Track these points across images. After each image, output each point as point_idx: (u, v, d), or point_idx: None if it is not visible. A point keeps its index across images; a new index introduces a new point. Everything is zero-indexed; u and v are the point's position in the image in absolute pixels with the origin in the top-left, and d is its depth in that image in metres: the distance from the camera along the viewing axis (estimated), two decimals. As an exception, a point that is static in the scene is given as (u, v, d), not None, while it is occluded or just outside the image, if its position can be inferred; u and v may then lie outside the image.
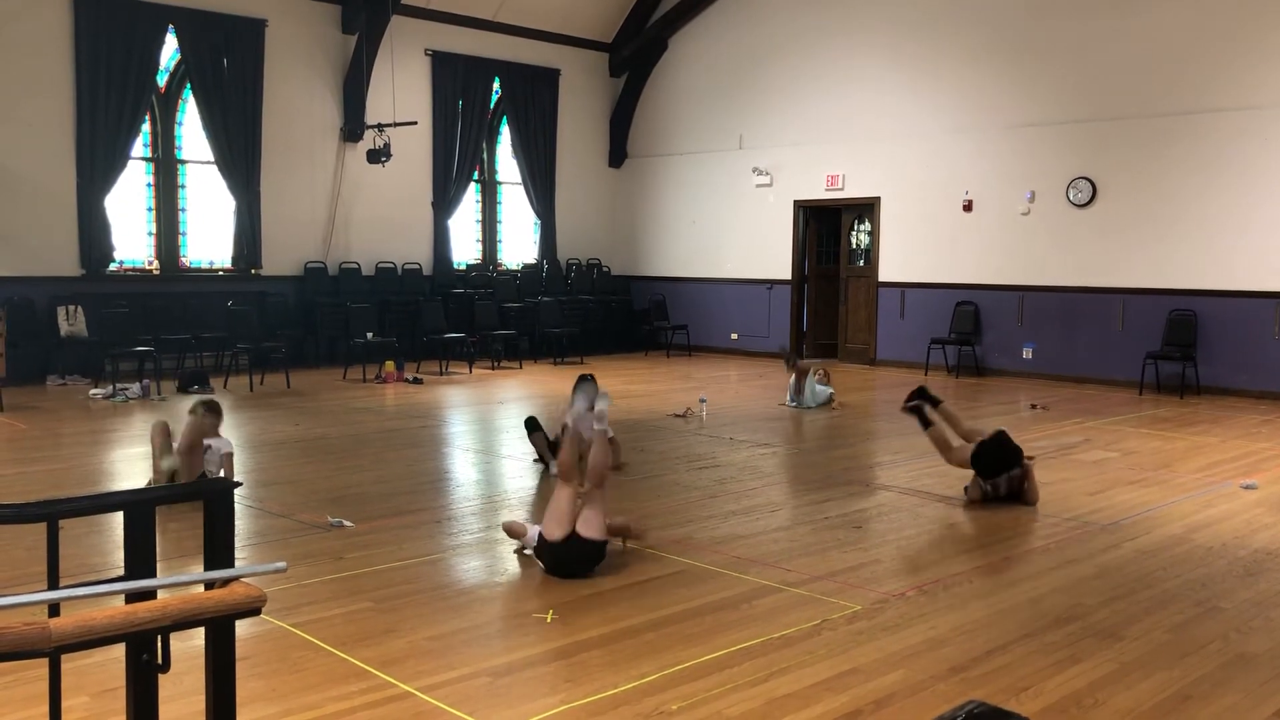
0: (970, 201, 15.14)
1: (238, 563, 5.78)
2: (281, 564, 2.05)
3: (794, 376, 12.23)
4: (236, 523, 6.71)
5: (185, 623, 1.93)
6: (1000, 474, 7.41)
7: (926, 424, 7.92)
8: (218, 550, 2.09)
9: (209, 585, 2.09)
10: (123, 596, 2.05)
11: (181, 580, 2.06)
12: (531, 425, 8.70)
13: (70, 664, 3.18)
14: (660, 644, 4.63)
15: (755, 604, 5.20)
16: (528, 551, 5.93)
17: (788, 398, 12.19)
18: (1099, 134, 13.97)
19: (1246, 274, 12.88)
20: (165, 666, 2.03)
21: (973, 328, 15.08)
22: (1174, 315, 13.37)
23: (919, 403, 8.00)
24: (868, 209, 16.53)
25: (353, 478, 8.14)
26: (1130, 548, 6.33)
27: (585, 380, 7.51)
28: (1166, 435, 10.33)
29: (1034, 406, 12.03)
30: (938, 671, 4.36)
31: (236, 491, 7.76)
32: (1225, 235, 13.02)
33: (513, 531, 6.16)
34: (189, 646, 3.34)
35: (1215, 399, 12.81)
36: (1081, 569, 5.86)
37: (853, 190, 16.53)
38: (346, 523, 6.55)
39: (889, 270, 16.14)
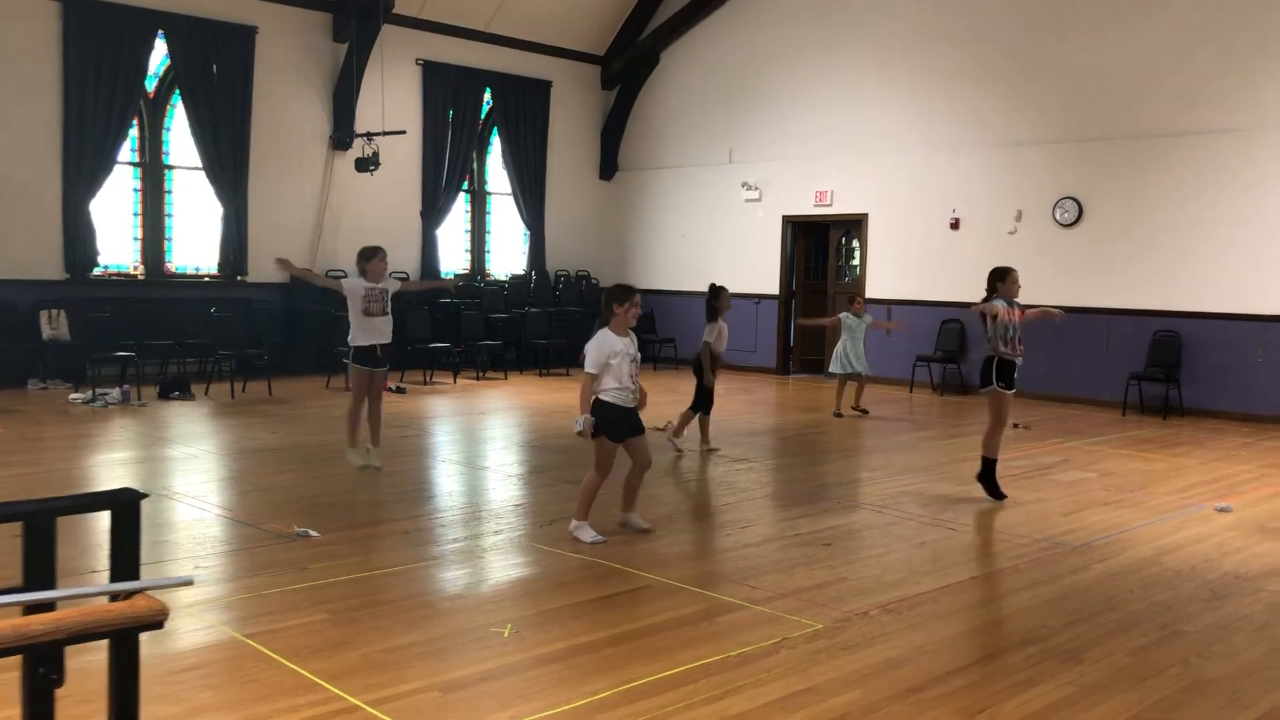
0: (957, 219, 15.15)
1: (190, 572, 5.75)
2: (188, 577, 2.02)
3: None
4: (202, 531, 6.71)
5: (84, 636, 1.90)
6: None
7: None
8: (123, 562, 2.06)
9: (113, 597, 2.06)
10: (21, 609, 2.02)
11: (81, 593, 2.03)
12: None
13: None
14: (618, 660, 4.60)
15: (717, 621, 5.17)
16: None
17: (838, 365, 12.76)
18: (1086, 154, 14.00)
19: (1231, 296, 12.89)
20: (60, 681, 1.98)
21: (958, 346, 15.07)
22: (1158, 336, 13.37)
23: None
24: (856, 225, 16.54)
25: (326, 487, 8.09)
26: (1099, 569, 6.30)
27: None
28: (1146, 456, 10.32)
29: (1016, 426, 11.99)
30: (894, 692, 4.33)
31: (205, 499, 7.74)
32: (1210, 257, 13.03)
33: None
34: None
35: (1198, 420, 12.79)
36: (1048, 590, 5.83)
37: (841, 206, 16.54)
38: (313, 533, 6.51)
39: (876, 287, 16.14)
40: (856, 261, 16.69)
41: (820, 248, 17.40)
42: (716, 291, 10.07)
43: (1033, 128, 14.44)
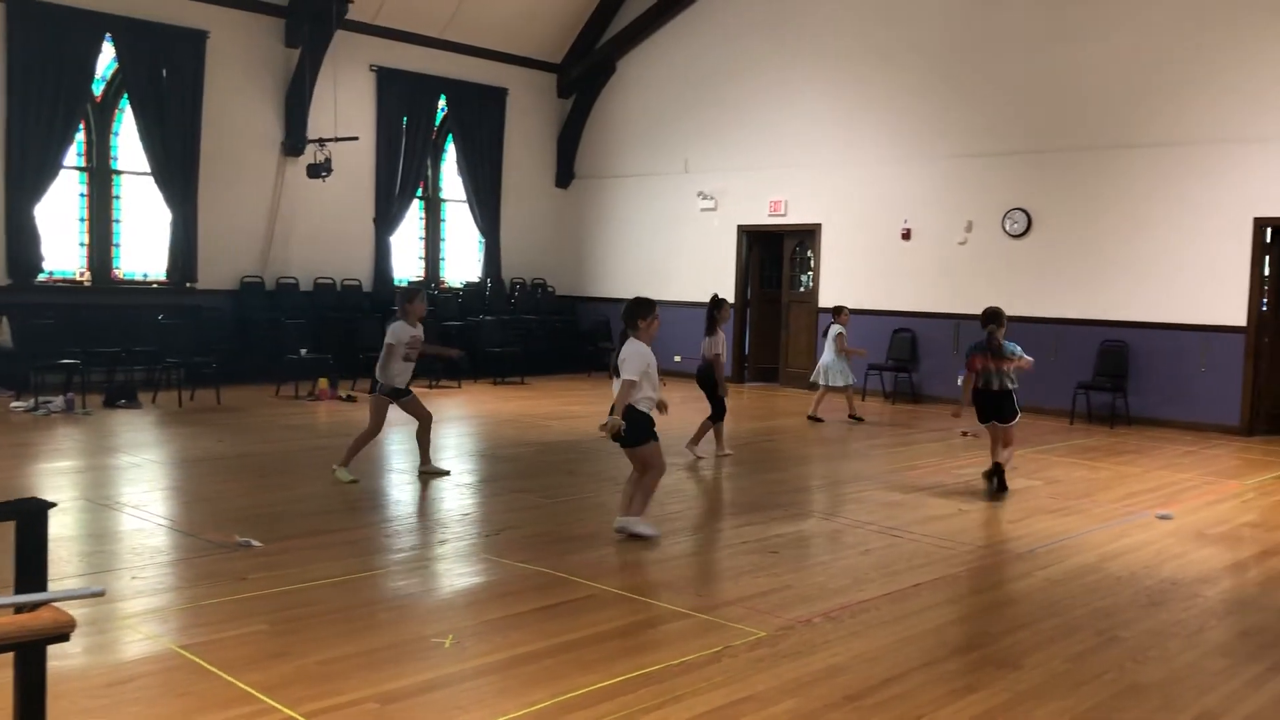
0: (909, 230, 15.29)
1: (128, 583, 5.66)
2: (99, 589, 1.98)
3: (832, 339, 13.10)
4: (142, 541, 6.60)
5: (-17, 647, 1.86)
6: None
7: None
8: (28, 573, 2.02)
9: (19, 609, 2.02)
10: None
11: (-19, 604, 1.98)
12: None
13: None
14: (557, 670, 4.57)
15: (659, 630, 5.16)
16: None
17: (825, 378, 13.09)
18: (1035, 166, 14.18)
19: (1176, 307, 13.09)
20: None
21: (910, 355, 15.19)
22: (1105, 346, 13.56)
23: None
24: (809, 235, 16.64)
25: (270, 496, 8.01)
26: (1041, 576, 6.37)
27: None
28: (1092, 465, 10.44)
29: (965, 434, 12.11)
30: (832, 700, 4.35)
31: (147, 509, 7.63)
32: (1156, 268, 13.24)
33: None
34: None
35: (1144, 429, 12.97)
36: (990, 597, 5.89)
37: (795, 217, 16.64)
38: (255, 542, 6.43)
39: (829, 296, 16.23)
40: (810, 271, 16.78)
41: (775, 257, 17.49)
42: (719, 303, 10.43)
43: (982, 140, 14.61)
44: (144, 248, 14.83)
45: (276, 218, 15.70)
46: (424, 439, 9.05)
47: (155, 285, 14.86)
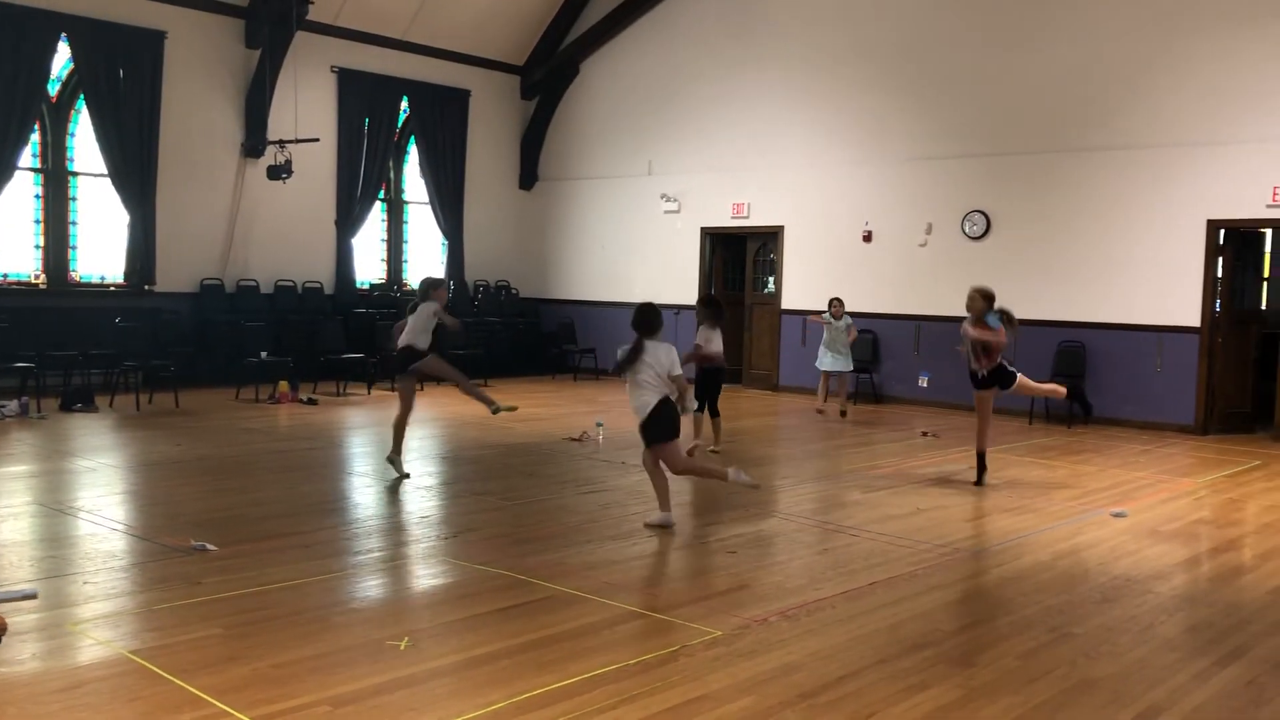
0: (870, 232, 15.39)
1: (80, 588, 5.59)
2: (32, 590, 1.95)
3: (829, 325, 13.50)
4: (95, 546, 6.52)
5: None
6: None
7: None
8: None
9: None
10: None
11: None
12: None
13: None
14: (513, 671, 4.57)
15: (616, 630, 5.17)
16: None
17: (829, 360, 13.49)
18: (993, 169, 14.32)
19: (1132, 307, 13.26)
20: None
21: (871, 356, 15.29)
22: (1064, 346, 13.70)
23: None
24: (772, 237, 16.72)
25: (227, 500, 7.94)
26: (995, 574, 6.44)
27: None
28: (1049, 464, 10.55)
29: (925, 434, 12.22)
30: (786, 698, 4.37)
31: (101, 513, 7.57)
32: (1112, 269, 13.40)
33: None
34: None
35: (1102, 429, 13.13)
36: (945, 595, 5.94)
37: (758, 219, 16.71)
38: (210, 546, 6.37)
39: (791, 298, 16.32)
40: (773, 274, 16.86)
41: (738, 259, 17.55)
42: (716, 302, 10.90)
43: (942, 142, 14.73)
44: (101, 250, 14.66)
45: (236, 219, 15.57)
46: (400, 429, 8.99)
47: (113, 288, 14.69)
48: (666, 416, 7.08)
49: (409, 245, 18.22)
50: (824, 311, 13.80)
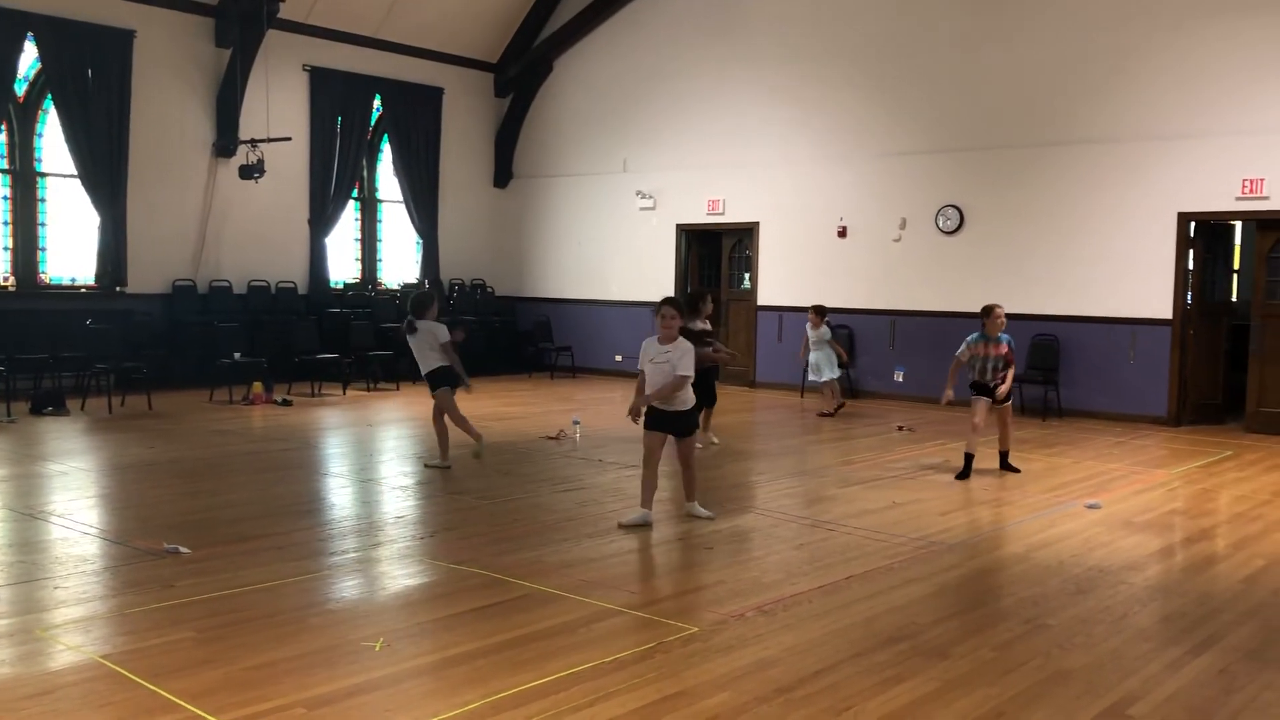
0: (845, 228, 15.43)
1: (49, 594, 5.53)
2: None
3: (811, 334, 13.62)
4: (67, 550, 6.46)
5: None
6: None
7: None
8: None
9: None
10: None
11: None
12: None
13: None
14: (489, 671, 4.55)
15: (593, 628, 5.16)
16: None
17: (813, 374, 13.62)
18: (966, 163, 14.39)
19: (1105, 300, 13.35)
20: None
21: (847, 351, 15.31)
22: (1037, 340, 13.78)
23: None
24: (747, 234, 16.74)
25: (200, 502, 7.88)
26: (971, 566, 6.47)
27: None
28: (1023, 456, 10.56)
29: (901, 428, 12.26)
30: (763, 693, 4.37)
31: (73, 517, 7.49)
32: (1085, 262, 13.49)
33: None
34: None
35: (1075, 421, 13.21)
36: (920, 588, 5.96)
37: (733, 215, 16.72)
38: (183, 549, 6.32)
39: (768, 294, 16.35)
40: (749, 270, 16.88)
41: (713, 256, 17.56)
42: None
43: (915, 138, 14.79)
44: (71, 251, 14.52)
45: (208, 220, 15.45)
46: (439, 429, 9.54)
47: (83, 289, 14.55)
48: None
49: (383, 244, 18.13)
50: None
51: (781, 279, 16.17)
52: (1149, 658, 4.89)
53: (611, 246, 18.12)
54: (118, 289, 14.54)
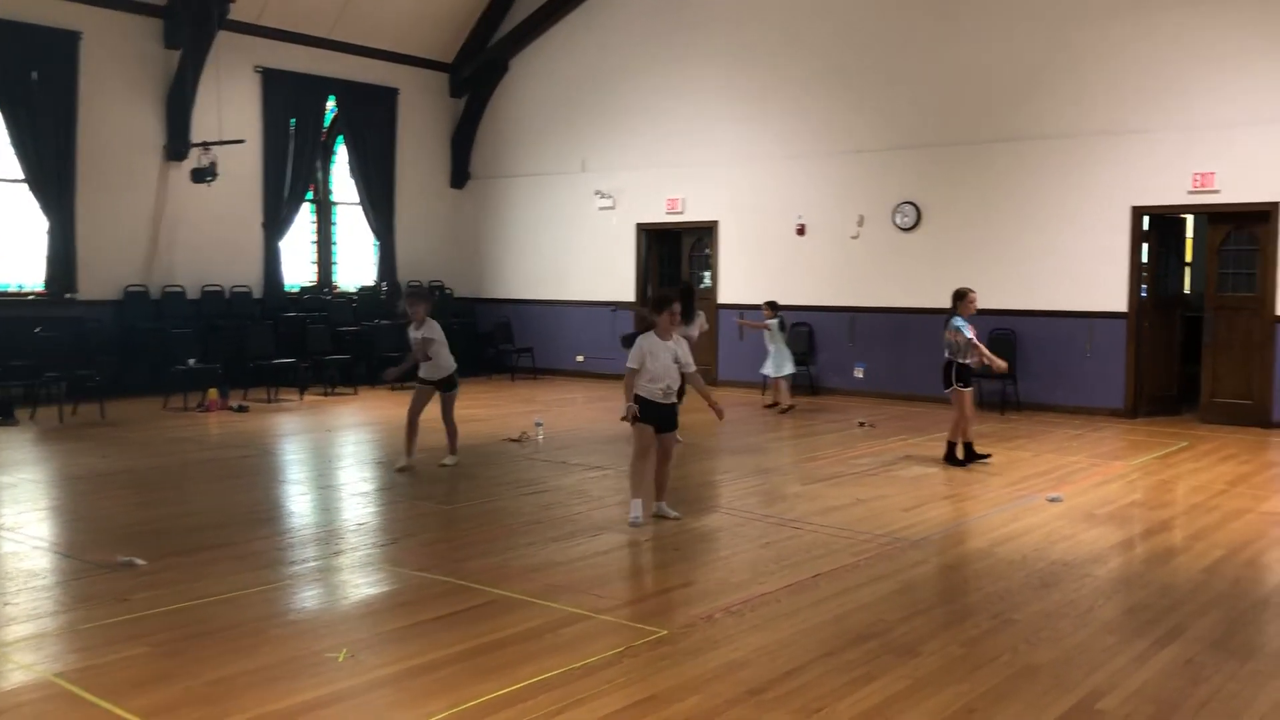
0: (803, 225, 15.46)
1: (10, 611, 5.39)
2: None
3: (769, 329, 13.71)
4: (16, 565, 6.30)
5: None
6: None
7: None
8: None
9: None
10: None
11: None
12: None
13: None
14: (455, 680, 4.48)
15: (561, 633, 5.10)
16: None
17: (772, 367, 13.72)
18: (922, 160, 14.46)
19: (1061, 294, 13.47)
20: None
21: (807, 348, 15.36)
22: (995, 334, 13.85)
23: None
24: (707, 232, 16.72)
25: (156, 512, 7.73)
26: (936, 562, 6.48)
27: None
28: (983, 451, 10.64)
29: (862, 424, 12.30)
30: (734, 695, 4.34)
31: (22, 530, 7.32)
32: (1041, 257, 13.60)
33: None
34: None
35: (1034, 414, 13.32)
36: (887, 585, 5.95)
37: (693, 214, 16.70)
38: (138, 561, 6.18)
39: (728, 292, 16.34)
40: (709, 269, 16.88)
41: (674, 255, 17.54)
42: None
43: (872, 135, 14.84)
44: (19, 257, 14.21)
45: (160, 224, 15.20)
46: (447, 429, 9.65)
47: (32, 296, 14.25)
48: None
49: (339, 247, 17.93)
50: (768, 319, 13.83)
51: (742, 277, 16.17)
52: (1115, 651, 4.91)
53: (571, 246, 18.04)
54: (67, 295, 14.26)
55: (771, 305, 13.81)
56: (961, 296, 9.84)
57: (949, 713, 4.21)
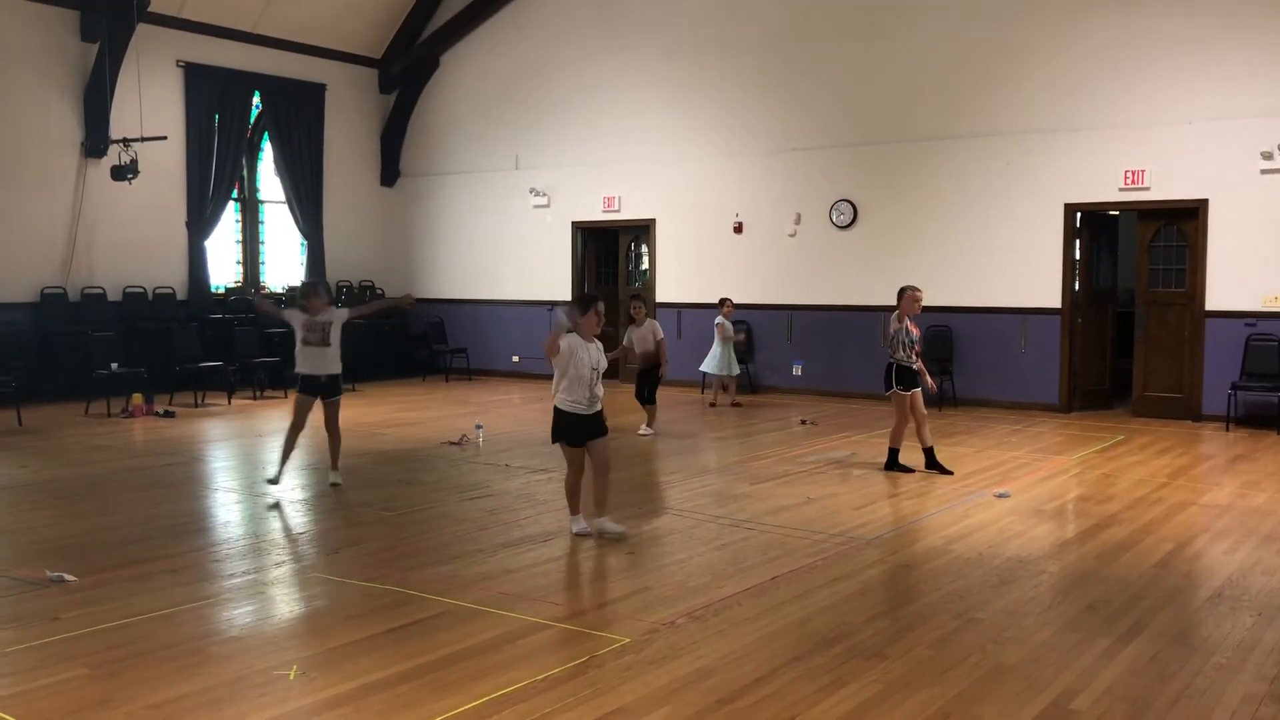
0: (741, 223, 15.42)
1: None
2: None
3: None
4: (-66, 583, 5.90)
5: None
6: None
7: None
8: None
9: None
10: None
11: None
12: None
13: None
14: (413, 696, 4.29)
15: (520, 644, 4.93)
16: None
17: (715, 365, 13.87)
18: (859, 158, 14.50)
19: (996, 290, 13.60)
20: None
21: (746, 347, 15.32)
22: (932, 331, 13.93)
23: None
24: (644, 231, 16.60)
25: (83, 524, 7.38)
26: (893, 561, 6.42)
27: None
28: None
29: (803, 422, 12.28)
30: (704, 705, 4.21)
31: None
32: (976, 254, 13.72)
33: None
34: None
35: (972, 410, 13.42)
36: (848, 586, 5.88)
37: (629, 212, 16.57)
38: (68, 577, 5.87)
39: (665, 291, 16.24)
40: (646, 266, 16.76)
41: (611, 253, 17.39)
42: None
43: (808, 134, 14.85)
44: (-73, 259, 13.60)
45: (79, 223, 14.64)
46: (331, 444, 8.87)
47: (-59, 299, 13.65)
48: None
49: (266, 246, 17.48)
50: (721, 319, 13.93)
51: (679, 275, 16.09)
52: (1081, 649, 4.89)
53: (506, 245, 17.79)
54: (-20, 298, 13.68)
55: (728, 301, 14.07)
56: (900, 294, 9.50)
57: (924, 717, 4.13)
